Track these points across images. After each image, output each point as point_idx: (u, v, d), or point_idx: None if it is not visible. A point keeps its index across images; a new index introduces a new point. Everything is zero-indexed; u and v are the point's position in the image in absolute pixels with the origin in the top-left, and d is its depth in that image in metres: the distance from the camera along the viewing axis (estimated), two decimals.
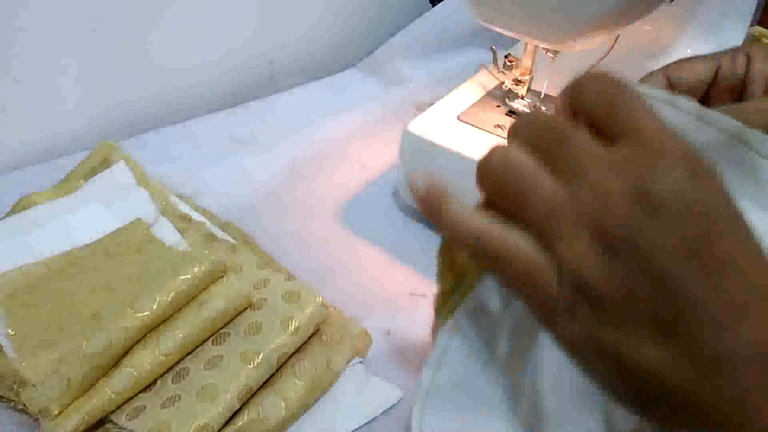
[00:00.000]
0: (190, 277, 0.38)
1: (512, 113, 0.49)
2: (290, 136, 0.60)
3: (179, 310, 0.37)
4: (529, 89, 0.49)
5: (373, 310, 0.43)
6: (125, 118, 0.61)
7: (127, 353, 0.35)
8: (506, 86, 0.49)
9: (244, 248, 0.45)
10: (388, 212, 0.52)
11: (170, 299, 0.36)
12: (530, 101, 0.49)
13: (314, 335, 0.39)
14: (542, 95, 0.49)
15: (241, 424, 0.34)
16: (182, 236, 0.46)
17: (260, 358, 0.36)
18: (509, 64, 0.48)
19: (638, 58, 0.56)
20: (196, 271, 0.38)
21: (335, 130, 0.62)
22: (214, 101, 0.65)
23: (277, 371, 0.37)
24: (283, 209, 0.52)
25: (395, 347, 0.41)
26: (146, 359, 0.35)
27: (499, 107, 0.50)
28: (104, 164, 0.52)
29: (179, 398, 0.34)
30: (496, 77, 0.52)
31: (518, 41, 0.55)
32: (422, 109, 0.50)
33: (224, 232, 0.47)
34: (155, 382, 0.36)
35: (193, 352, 0.37)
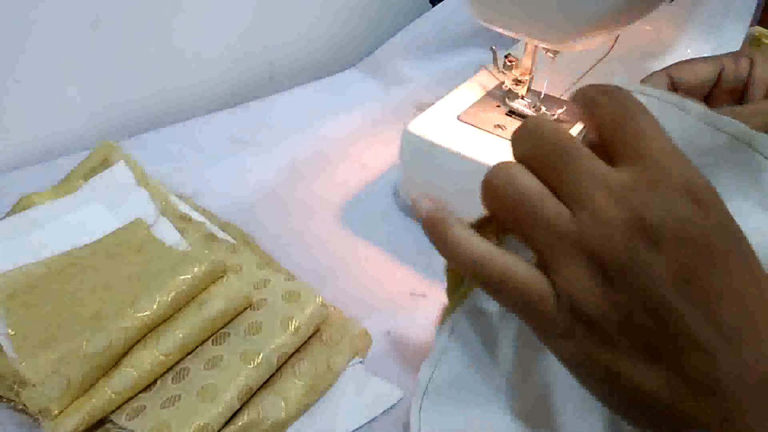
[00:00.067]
0: (190, 277, 0.38)
1: (512, 113, 0.49)
2: (290, 136, 0.60)
3: (179, 310, 0.37)
4: (529, 89, 0.49)
5: (373, 310, 0.43)
6: (125, 118, 0.61)
7: (127, 353, 0.35)
8: (506, 86, 0.49)
9: (244, 248, 0.45)
10: (388, 212, 0.52)
11: (170, 299, 0.36)
12: (530, 101, 0.49)
13: (314, 335, 0.39)
14: (542, 95, 0.49)
15: (241, 424, 0.34)
16: (182, 236, 0.46)
17: (260, 358, 0.36)
18: (509, 64, 0.48)
19: (638, 58, 0.56)
20: (196, 271, 0.38)
21: (335, 130, 0.62)
22: (214, 101, 0.65)
23: (277, 371, 0.37)
24: (283, 209, 0.52)
25: (395, 347, 0.41)
26: (146, 359, 0.35)
27: (499, 107, 0.50)
28: (104, 164, 0.52)
29: (179, 398, 0.34)
30: (496, 77, 0.52)
31: (518, 41, 0.55)
32: (422, 109, 0.50)
33: (224, 232, 0.47)
34: (155, 382, 0.36)
35: (193, 352, 0.37)
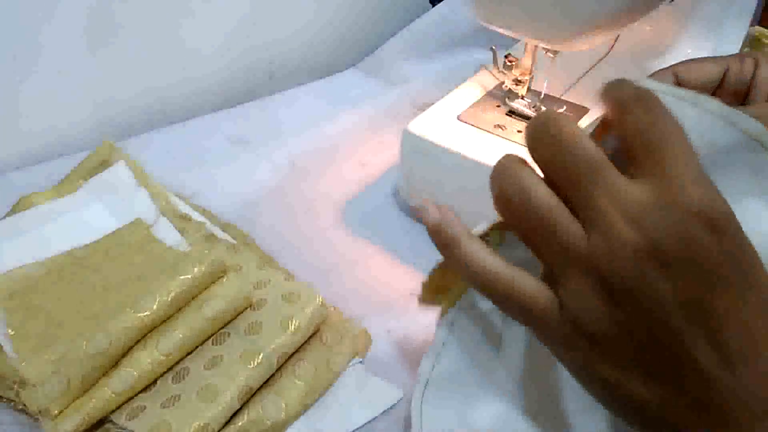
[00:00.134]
0: (190, 277, 0.38)
1: (512, 113, 0.49)
2: (290, 136, 0.60)
3: (179, 310, 0.37)
4: (529, 89, 0.49)
5: (373, 310, 0.43)
6: (125, 118, 0.61)
7: (127, 353, 0.35)
8: (506, 86, 0.49)
9: (244, 248, 0.45)
10: (388, 212, 0.52)
11: (170, 299, 0.36)
12: (530, 101, 0.49)
13: (314, 335, 0.39)
14: (542, 95, 0.49)
15: (241, 423, 0.34)
16: (182, 236, 0.46)
17: (260, 358, 0.36)
18: (509, 64, 0.48)
19: (638, 57, 0.56)
20: (196, 271, 0.38)
21: (335, 130, 0.62)
22: (214, 101, 0.65)
23: (277, 371, 0.37)
24: (283, 209, 0.52)
25: (395, 347, 0.41)
26: (146, 359, 0.35)
27: (499, 107, 0.50)
28: (104, 164, 0.52)
29: (179, 398, 0.34)
30: (496, 77, 0.52)
31: (518, 41, 0.55)
32: (422, 108, 0.50)
33: (224, 232, 0.47)
34: (155, 382, 0.36)
35: (193, 352, 0.37)
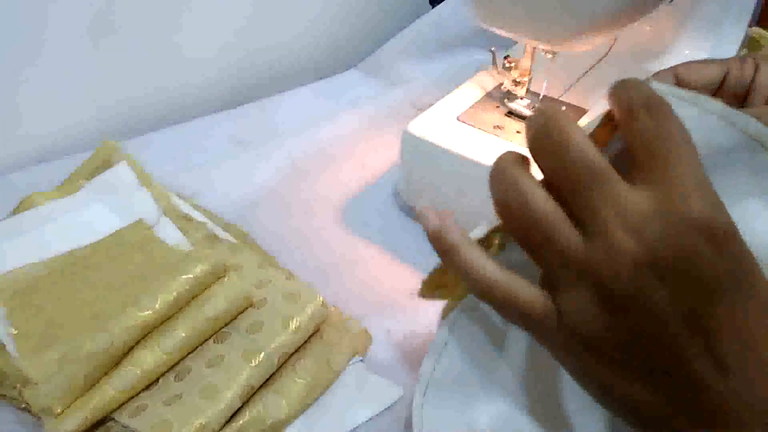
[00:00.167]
0: (192, 276, 0.38)
1: (511, 114, 0.49)
2: (290, 136, 0.60)
3: (181, 309, 0.38)
4: (528, 90, 0.49)
5: (373, 309, 0.43)
6: (127, 118, 0.61)
7: (129, 352, 0.35)
8: (505, 87, 0.49)
9: (245, 248, 0.45)
10: (388, 212, 0.52)
11: (172, 299, 0.37)
12: (529, 102, 0.49)
13: (314, 334, 0.39)
14: (541, 96, 0.49)
15: (242, 422, 0.34)
16: (184, 236, 0.46)
17: (261, 356, 0.36)
18: (508, 65, 0.48)
19: (637, 58, 0.56)
20: (197, 270, 0.38)
21: (335, 130, 0.62)
22: (215, 102, 0.66)
23: (277, 370, 0.37)
24: (283, 209, 0.52)
25: (395, 346, 0.41)
26: (148, 358, 0.35)
27: (498, 108, 0.50)
28: (106, 165, 0.52)
29: (181, 397, 0.34)
30: (495, 78, 0.52)
31: (517, 42, 0.55)
32: (422, 109, 0.50)
33: (225, 232, 0.48)
34: (157, 380, 0.36)
35: (194, 351, 0.37)
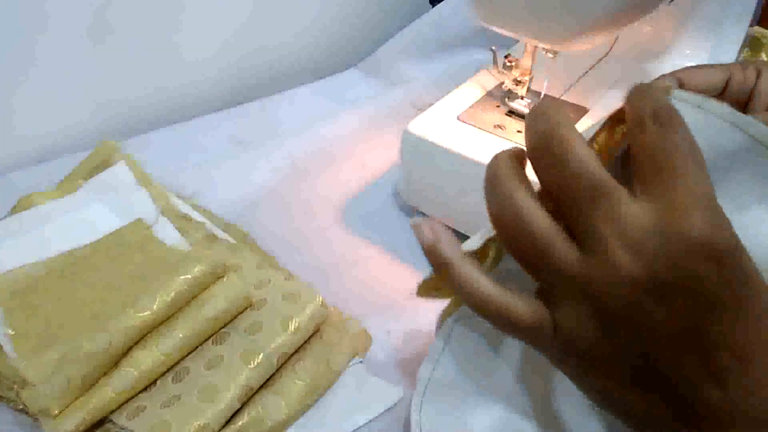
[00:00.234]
0: (190, 277, 0.38)
1: (512, 113, 0.49)
2: (290, 136, 0.60)
3: (179, 309, 0.37)
4: (528, 89, 0.49)
5: (373, 309, 0.43)
6: (126, 118, 0.61)
7: (127, 353, 0.35)
8: (506, 86, 0.49)
9: (244, 248, 0.45)
10: (388, 212, 0.52)
11: (171, 299, 0.36)
12: (530, 101, 0.49)
13: (314, 335, 0.39)
14: (542, 95, 0.49)
15: (241, 423, 0.34)
16: (183, 236, 0.46)
17: (260, 357, 0.36)
18: (509, 64, 0.48)
19: (638, 57, 0.56)
20: (196, 271, 0.38)
21: (335, 130, 0.62)
22: (214, 101, 0.65)
23: (277, 371, 0.37)
24: (283, 209, 0.52)
25: (395, 347, 0.41)
26: (146, 359, 0.35)
27: (498, 107, 0.50)
28: (104, 164, 0.52)
29: (179, 398, 0.34)
30: (495, 77, 0.52)
31: (518, 41, 0.55)
32: (422, 109, 0.50)
33: (225, 232, 0.47)
34: (155, 382, 0.36)
35: (193, 351, 0.37)
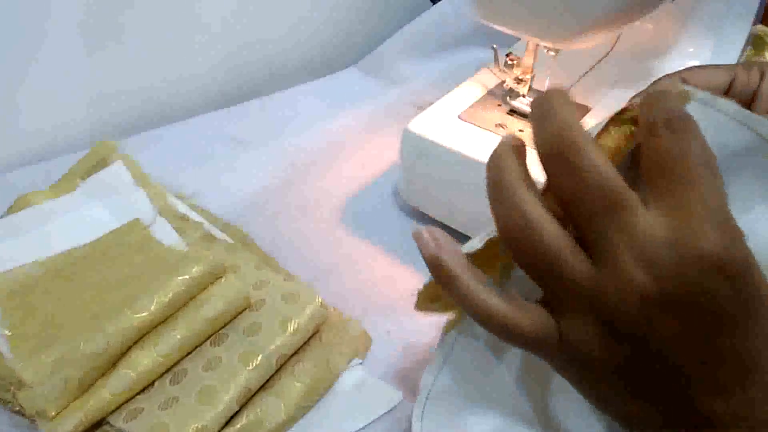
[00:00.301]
0: (188, 277, 0.37)
1: (513, 112, 0.49)
2: (290, 135, 0.60)
3: (177, 310, 0.37)
4: (530, 88, 0.49)
5: (373, 310, 0.43)
6: (124, 117, 0.60)
7: (124, 354, 0.35)
8: (507, 85, 0.49)
9: (242, 248, 0.45)
10: (388, 212, 0.52)
11: (168, 300, 0.36)
12: (531, 100, 0.49)
13: (313, 336, 0.39)
14: None
15: (240, 425, 0.34)
16: (180, 237, 0.45)
17: (259, 359, 0.35)
18: (510, 62, 0.47)
19: (640, 56, 0.55)
20: (194, 271, 0.38)
21: (335, 129, 0.61)
22: (213, 100, 0.65)
23: (276, 372, 0.36)
24: (282, 209, 0.52)
25: (395, 348, 0.40)
26: (144, 360, 0.35)
27: (500, 106, 0.49)
28: (102, 164, 0.52)
29: (177, 400, 0.34)
30: (497, 76, 0.52)
31: (519, 40, 0.54)
32: (422, 108, 0.49)
33: (223, 232, 0.47)
34: (153, 383, 0.35)
35: (191, 353, 0.37)
